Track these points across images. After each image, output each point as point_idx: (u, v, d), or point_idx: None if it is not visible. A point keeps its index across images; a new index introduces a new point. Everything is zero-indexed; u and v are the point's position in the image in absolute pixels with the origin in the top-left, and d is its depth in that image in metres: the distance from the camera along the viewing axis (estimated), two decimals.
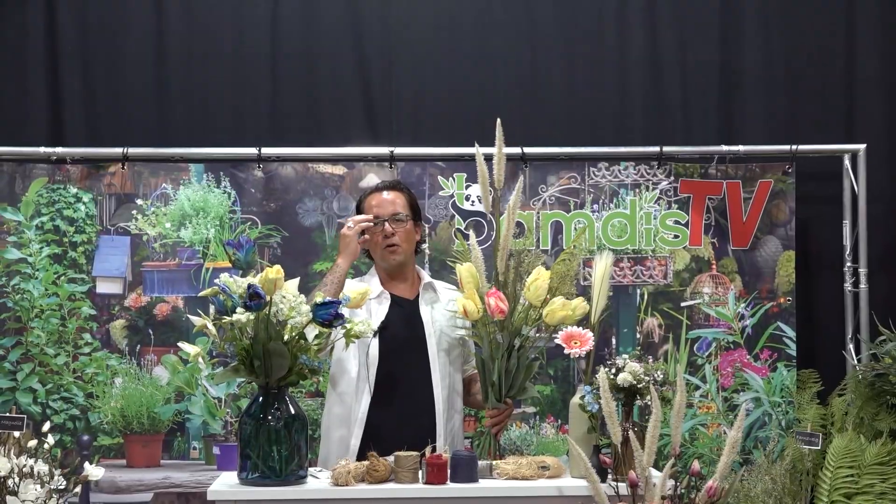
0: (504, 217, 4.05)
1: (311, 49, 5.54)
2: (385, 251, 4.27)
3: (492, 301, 3.93)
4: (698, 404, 5.29)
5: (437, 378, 4.22)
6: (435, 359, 4.24)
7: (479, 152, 4.10)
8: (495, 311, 3.92)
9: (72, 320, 5.21)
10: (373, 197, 4.33)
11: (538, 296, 3.97)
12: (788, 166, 5.34)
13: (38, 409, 5.15)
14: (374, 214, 4.27)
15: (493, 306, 3.92)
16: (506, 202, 4.09)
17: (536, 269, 4.01)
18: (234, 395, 5.22)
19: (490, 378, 4.00)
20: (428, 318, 4.28)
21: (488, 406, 4.02)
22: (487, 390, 4.01)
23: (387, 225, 4.25)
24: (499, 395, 3.99)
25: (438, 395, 4.21)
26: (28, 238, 5.20)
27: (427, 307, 4.31)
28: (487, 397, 4.01)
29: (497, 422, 4.02)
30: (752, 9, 5.61)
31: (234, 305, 3.66)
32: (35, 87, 5.45)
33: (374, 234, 4.27)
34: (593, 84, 5.58)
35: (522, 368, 4.00)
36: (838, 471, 4.35)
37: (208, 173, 5.28)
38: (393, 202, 4.29)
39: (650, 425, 3.53)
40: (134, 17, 5.50)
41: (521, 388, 4.03)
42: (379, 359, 4.19)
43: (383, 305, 4.27)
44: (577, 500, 3.66)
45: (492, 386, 4.00)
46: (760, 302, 5.33)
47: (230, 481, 3.76)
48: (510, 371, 3.99)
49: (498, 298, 3.93)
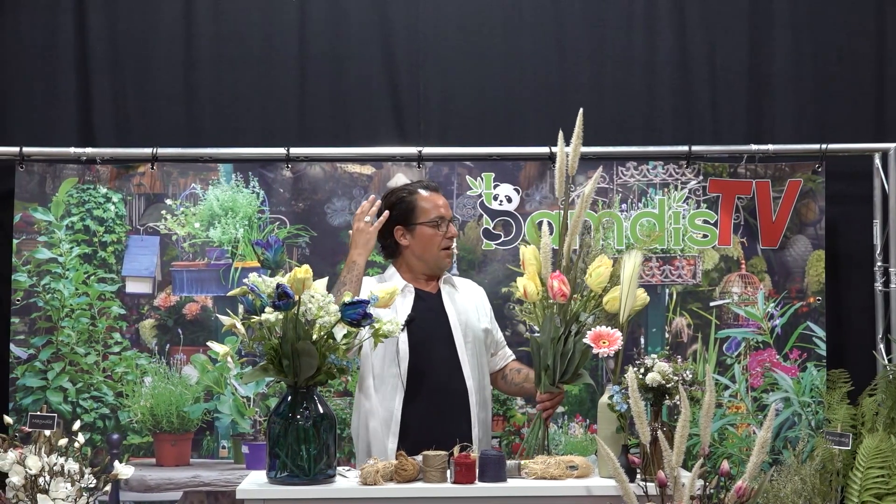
0: (576, 206, 4.14)
1: (338, 50, 5.54)
2: (443, 252, 4.30)
3: (555, 283, 3.97)
4: (727, 404, 5.27)
5: (468, 370, 4.24)
6: (463, 349, 4.25)
7: (561, 138, 4.21)
8: (557, 293, 3.97)
9: (101, 320, 5.23)
10: (434, 196, 4.35)
11: (600, 283, 4.02)
12: (818, 165, 5.31)
13: (68, 408, 5.18)
14: (440, 214, 4.29)
15: (555, 289, 3.97)
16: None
17: (600, 257, 4.07)
18: (262, 394, 5.23)
19: (545, 362, 4.02)
20: (452, 310, 4.30)
21: (541, 390, 4.04)
22: (541, 374, 4.04)
23: (451, 227, 4.27)
24: (553, 379, 4.01)
25: (471, 387, 4.23)
26: (58, 238, 5.23)
27: (449, 299, 4.33)
28: (540, 381, 4.04)
29: (548, 406, 4.05)
30: (782, 8, 5.58)
31: (262, 305, 3.68)
32: (65, 88, 5.48)
33: (435, 234, 4.28)
34: (622, 84, 5.57)
35: (578, 354, 4.03)
36: (869, 471, 4.33)
37: (237, 173, 5.30)
38: (447, 206, 4.34)
39: (679, 425, 3.53)
40: (163, 21, 5.52)
41: (574, 374, 4.06)
42: (409, 353, 4.21)
43: (408, 299, 4.29)
44: (605, 499, 3.66)
45: (545, 370, 4.02)
46: (790, 301, 5.30)
47: (259, 480, 3.78)
48: (565, 355, 4.01)
49: (561, 282, 3.97)
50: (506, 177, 5.30)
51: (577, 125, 4.18)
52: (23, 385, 5.18)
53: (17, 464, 3.79)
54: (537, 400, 4.08)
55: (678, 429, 3.53)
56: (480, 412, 4.26)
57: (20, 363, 5.19)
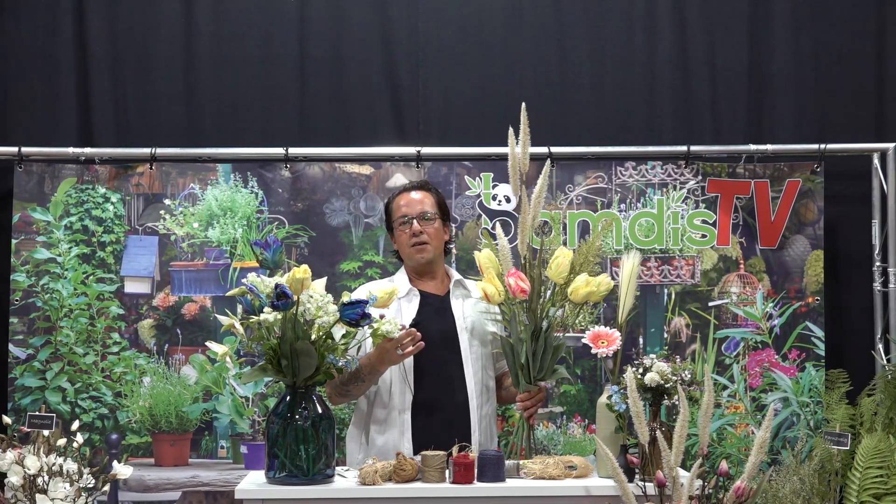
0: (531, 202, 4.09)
1: (338, 50, 5.54)
2: (412, 249, 4.28)
3: (511, 281, 3.97)
4: (726, 404, 5.27)
5: (471, 373, 4.23)
6: (467, 353, 4.24)
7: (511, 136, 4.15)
8: (516, 290, 3.96)
9: (100, 320, 5.23)
10: (401, 197, 4.34)
11: (560, 273, 4.01)
12: (817, 165, 5.31)
13: (67, 407, 5.18)
14: (403, 213, 4.29)
15: (513, 286, 3.96)
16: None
17: (559, 249, 4.06)
18: (261, 394, 5.24)
19: (518, 361, 4.02)
20: (459, 313, 4.29)
21: (520, 390, 4.04)
22: (517, 374, 4.03)
23: (415, 223, 4.25)
24: (528, 378, 4.01)
25: (472, 391, 4.22)
26: (57, 238, 5.23)
27: (458, 301, 4.31)
28: (518, 381, 4.03)
29: (528, 406, 4.03)
30: (781, 8, 5.58)
31: (261, 305, 3.68)
32: (64, 88, 5.48)
33: (402, 233, 4.28)
34: (621, 84, 5.57)
35: (550, 349, 4.02)
36: (867, 471, 4.34)
37: (236, 173, 5.30)
38: (421, 201, 4.30)
39: (678, 425, 3.53)
40: (163, 20, 5.52)
41: (549, 370, 4.05)
42: (413, 358, 4.20)
43: (413, 303, 4.27)
44: (604, 499, 3.66)
45: (521, 369, 4.02)
46: (789, 301, 5.31)
47: (258, 480, 3.78)
48: (537, 353, 4.01)
49: (518, 278, 3.97)
50: (504, 177, 5.28)
51: (523, 122, 4.15)
52: (21, 385, 5.18)
53: (15, 464, 3.78)
54: (517, 400, 4.06)
55: (677, 429, 3.53)
56: (483, 417, 4.24)
57: (19, 363, 5.19)
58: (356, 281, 5.20)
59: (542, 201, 4.11)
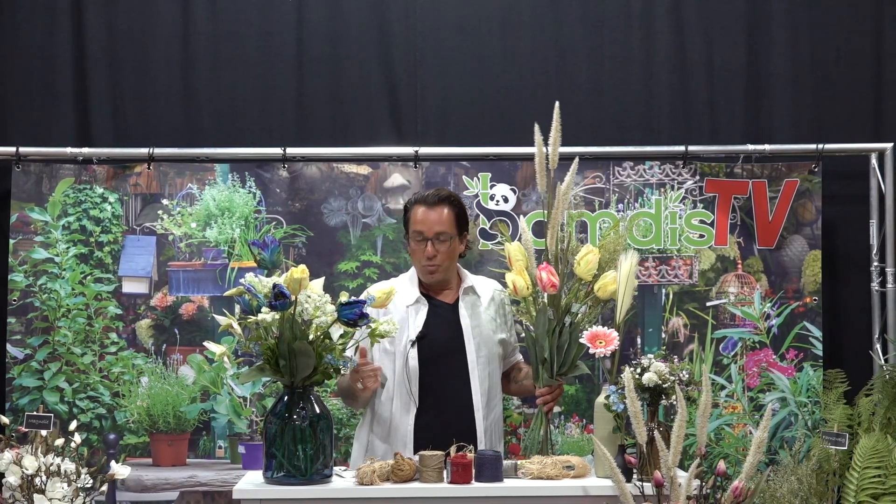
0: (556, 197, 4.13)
1: (336, 50, 5.54)
2: (424, 268, 4.27)
3: (543, 275, 3.98)
4: (724, 404, 5.27)
5: (476, 384, 4.23)
6: (474, 365, 4.24)
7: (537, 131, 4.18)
8: (547, 284, 3.98)
9: (98, 320, 5.23)
10: (420, 209, 4.26)
11: (589, 270, 4.03)
12: (815, 165, 5.32)
13: (64, 407, 5.18)
14: (418, 230, 4.23)
15: (544, 280, 3.98)
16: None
17: (586, 246, 4.08)
18: (259, 394, 5.23)
19: (541, 356, 4.03)
20: (467, 324, 4.28)
21: (539, 385, 4.04)
22: (538, 369, 4.04)
23: (429, 246, 4.22)
24: (551, 373, 4.02)
25: (477, 403, 4.22)
26: (55, 238, 5.23)
27: (466, 311, 4.30)
28: (538, 376, 4.04)
29: (548, 400, 4.05)
30: (779, 9, 5.58)
31: (259, 305, 3.68)
32: (62, 88, 5.47)
33: (417, 248, 4.26)
34: (619, 84, 5.56)
35: (574, 345, 4.03)
36: (865, 471, 4.33)
37: (234, 173, 5.30)
38: (439, 220, 4.22)
39: (675, 425, 3.53)
40: (161, 21, 5.51)
41: (572, 365, 4.07)
42: (419, 368, 4.20)
43: (421, 314, 4.26)
44: (602, 499, 3.66)
45: (542, 363, 4.03)
46: (786, 301, 5.31)
47: (255, 480, 3.78)
48: (561, 348, 4.02)
49: (549, 272, 3.98)
50: (502, 177, 5.30)
51: (555, 120, 4.17)
52: (19, 385, 5.18)
53: (13, 464, 3.78)
54: (537, 394, 4.07)
55: (675, 429, 3.53)
56: (488, 429, 4.24)
57: (17, 363, 5.19)
58: (354, 281, 5.20)
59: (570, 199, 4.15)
